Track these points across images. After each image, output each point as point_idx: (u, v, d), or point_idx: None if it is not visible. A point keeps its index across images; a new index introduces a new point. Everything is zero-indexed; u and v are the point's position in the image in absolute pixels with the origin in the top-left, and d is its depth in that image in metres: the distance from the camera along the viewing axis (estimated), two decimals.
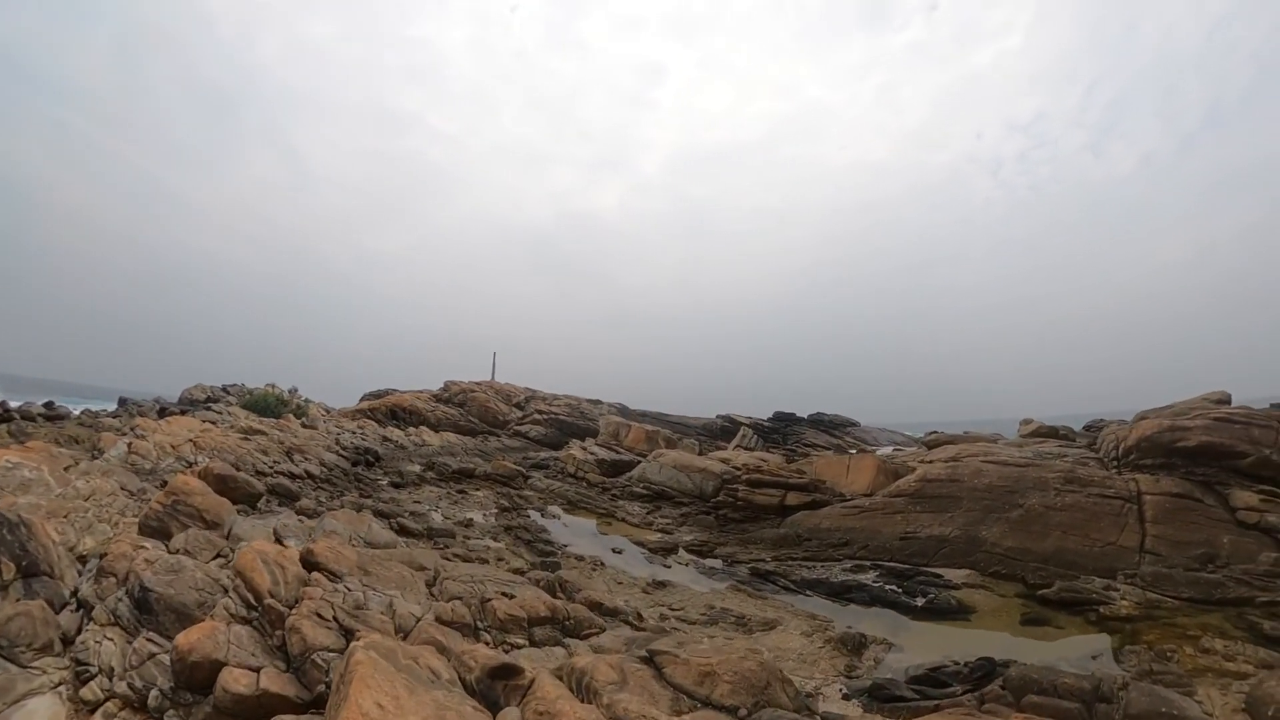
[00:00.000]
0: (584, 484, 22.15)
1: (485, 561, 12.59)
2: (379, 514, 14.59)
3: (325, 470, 19.31)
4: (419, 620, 7.16)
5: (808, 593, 12.74)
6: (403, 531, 13.26)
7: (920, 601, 11.76)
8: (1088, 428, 24.82)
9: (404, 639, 6.81)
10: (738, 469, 20.29)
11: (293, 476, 17.72)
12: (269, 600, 6.64)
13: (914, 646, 10.30)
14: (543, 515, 18.51)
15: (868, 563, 13.86)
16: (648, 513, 19.20)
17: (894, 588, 12.32)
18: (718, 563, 14.87)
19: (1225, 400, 12.27)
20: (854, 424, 37.55)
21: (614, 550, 15.37)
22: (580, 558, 14.19)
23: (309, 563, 8.16)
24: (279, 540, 9.98)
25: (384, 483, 20.65)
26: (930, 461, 17.39)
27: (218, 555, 8.94)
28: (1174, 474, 11.65)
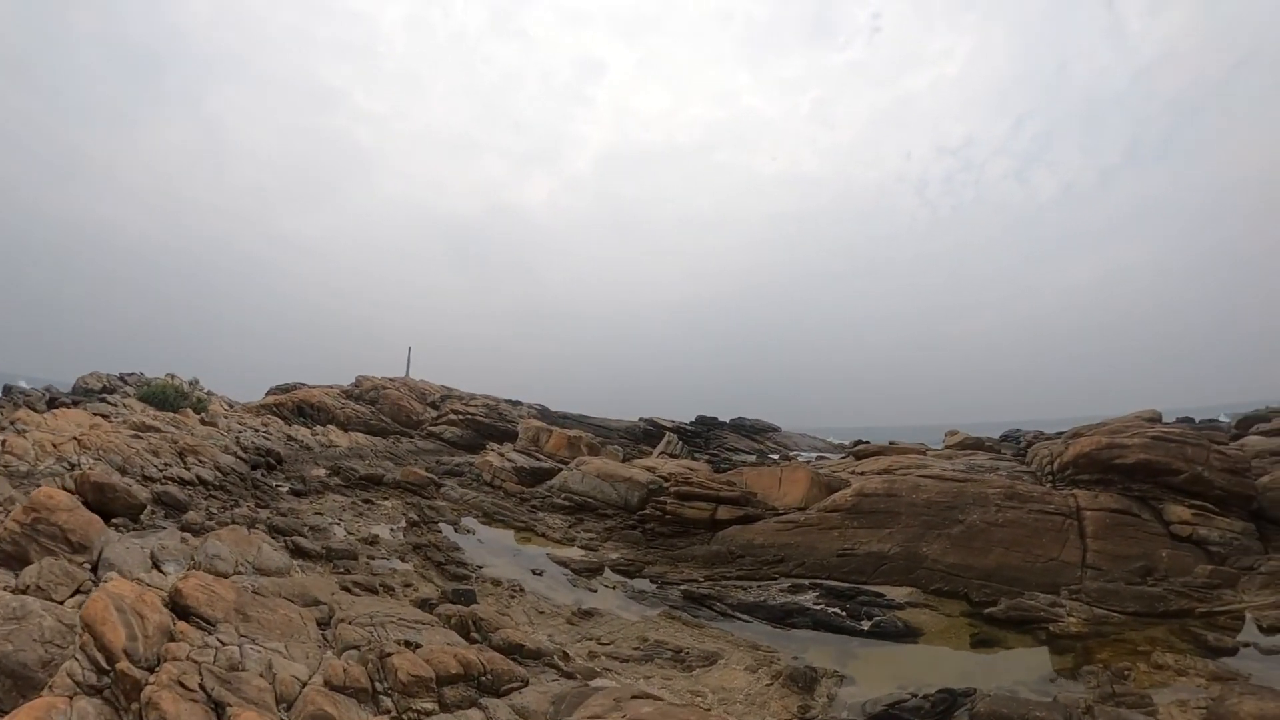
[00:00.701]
0: (501, 494, 20.72)
1: (390, 590, 11.03)
2: (274, 529, 12.73)
3: (220, 475, 17.05)
4: (305, 685, 5.77)
5: (746, 618, 11.90)
6: (298, 552, 11.49)
7: (866, 625, 11.17)
8: (1004, 437, 25.74)
9: (287, 711, 5.42)
10: (664, 479, 19.42)
11: (183, 483, 15.46)
12: (123, 664, 5.22)
13: (866, 677, 9.63)
14: (456, 529, 16.95)
15: (806, 581, 13.22)
16: (570, 526, 17.98)
17: (837, 610, 11.69)
18: (648, 584, 13.83)
19: (1156, 418, 12.49)
20: (775, 429, 37.72)
21: (534, 571, 14.05)
22: (497, 582, 12.79)
23: (177, 606, 6.59)
24: (157, 566, 8.57)
25: (284, 489, 18.65)
26: (861, 472, 17.11)
27: (77, 591, 7.19)
28: (1111, 490, 11.67)
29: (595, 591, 13.25)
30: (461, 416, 34.03)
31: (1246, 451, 11.44)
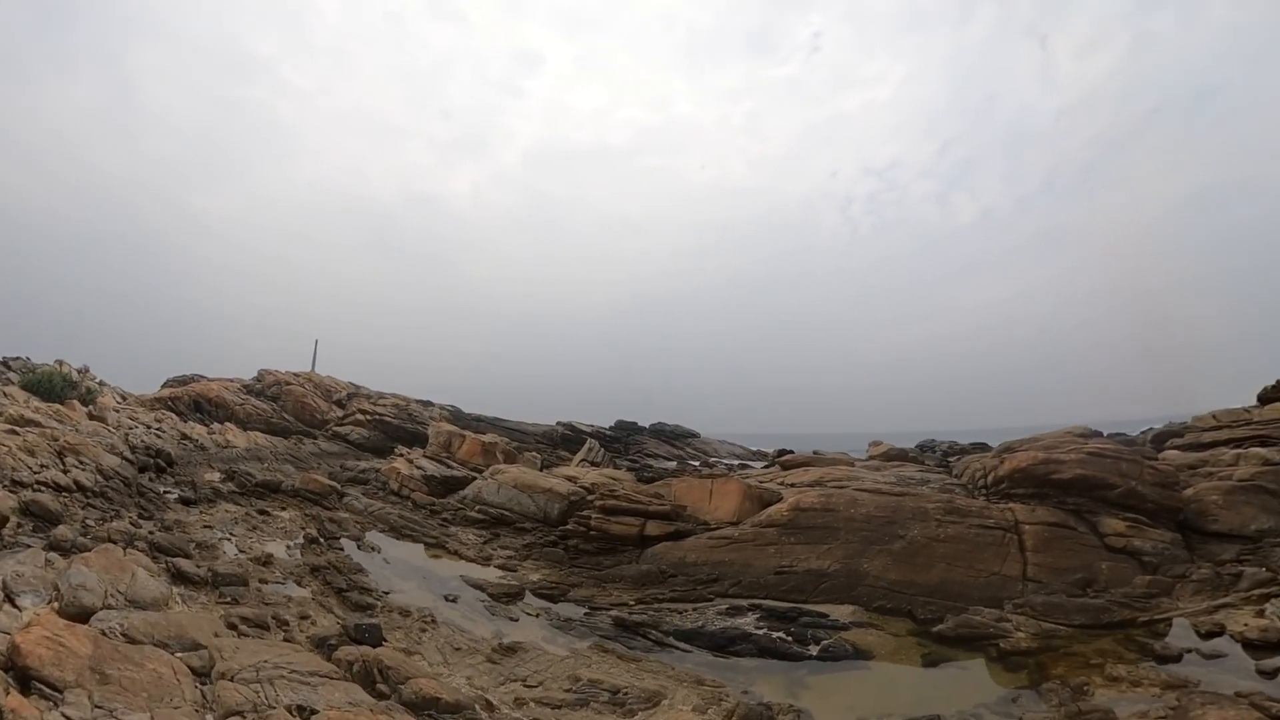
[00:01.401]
0: (410, 505, 18.98)
1: (284, 624, 9.42)
2: (155, 548, 10.78)
3: (102, 480, 14.57)
4: None
5: (685, 646, 11.10)
6: (180, 578, 9.67)
7: (814, 649, 10.65)
8: (920, 447, 26.61)
9: None
10: (587, 490, 18.40)
11: (59, 489, 13.02)
12: None
13: (822, 709, 9.05)
14: (360, 546, 15.26)
15: (744, 602, 12.58)
16: (485, 542, 16.60)
17: (781, 634, 11.11)
18: (574, 610, 12.75)
19: (1088, 434, 12.81)
20: (694, 435, 37.55)
21: (447, 597, 12.66)
22: (406, 611, 11.34)
23: (14, 668, 5.24)
24: (10, 598, 7.10)
25: (173, 497, 16.47)
26: (792, 484, 16.80)
27: None
28: (1046, 503, 11.83)
29: (517, 620, 12.03)
30: (369, 417, 32.07)
31: (1169, 465, 11.92)
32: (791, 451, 22.29)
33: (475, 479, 19.78)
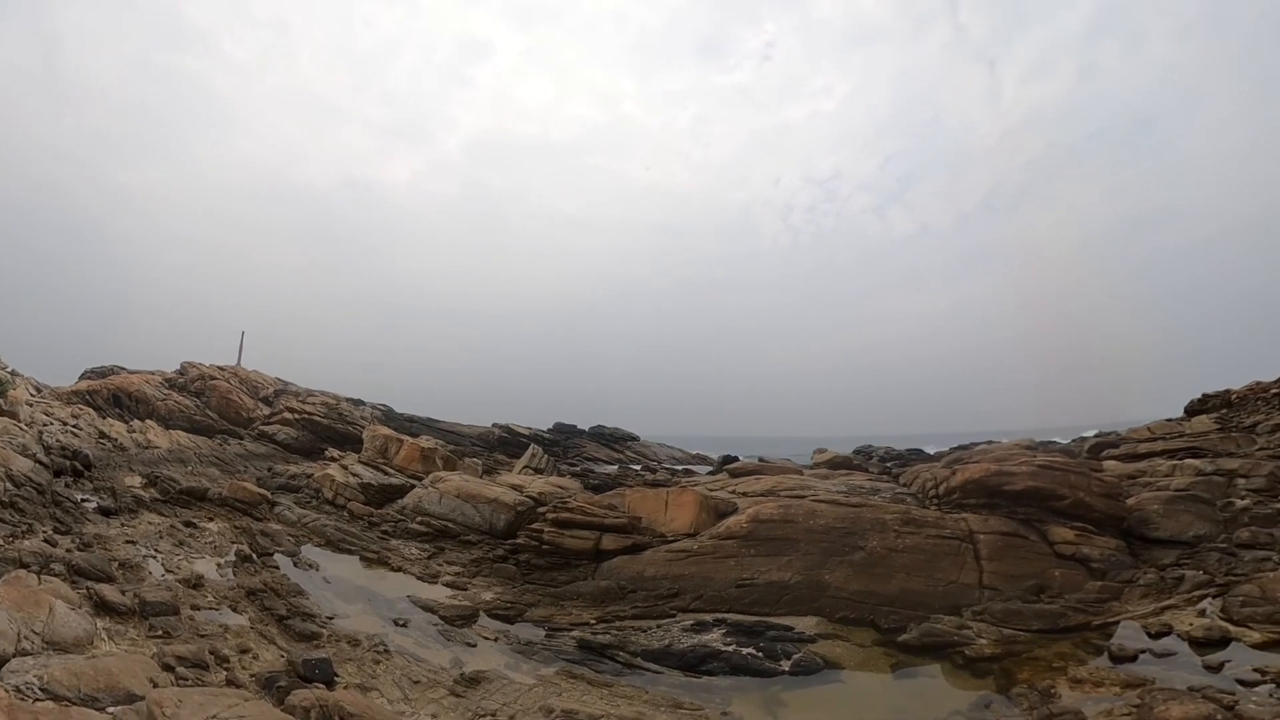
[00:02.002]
0: (345, 515, 17.90)
1: (224, 661, 8.60)
2: (75, 571, 9.62)
3: (11, 489, 13.07)
4: None
5: (655, 667, 10.89)
6: (104, 608, 8.63)
7: (785, 665, 10.66)
8: (857, 452, 27.46)
9: None
10: (534, 500, 17.92)
11: None
12: None
13: None
14: (296, 563, 14.28)
15: (708, 617, 12.48)
16: (430, 556, 15.86)
17: (751, 650, 11.06)
18: (534, 632, 12.28)
19: (1034, 446, 13.44)
20: (634, 438, 37.41)
21: (397, 622, 11.95)
22: (355, 640, 10.60)
23: None
24: None
25: (91, 506, 15.09)
26: (744, 493, 16.87)
27: None
28: (998, 513, 12.31)
29: (475, 646, 11.46)
30: (298, 416, 30.32)
31: (1113, 477, 12.70)
32: (737, 458, 22.49)
33: (414, 487, 18.91)
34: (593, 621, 12.63)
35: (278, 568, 13.66)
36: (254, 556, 13.72)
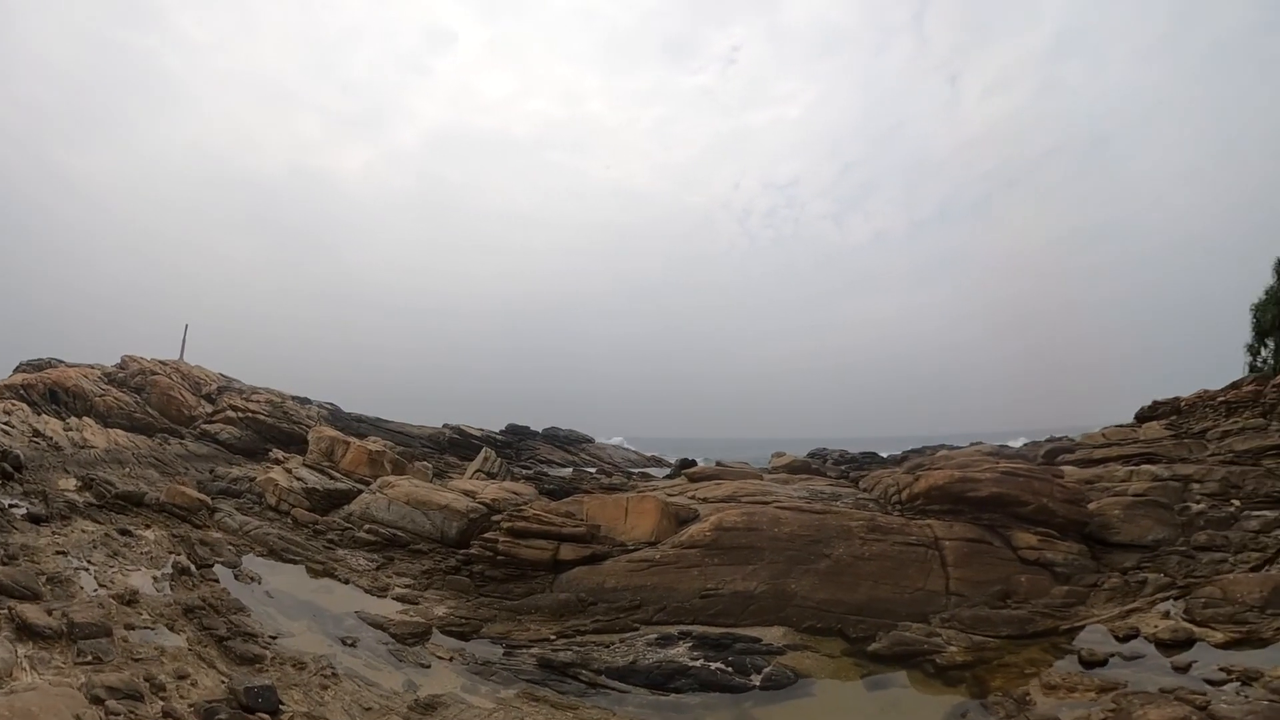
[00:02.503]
0: (290, 522, 16.90)
1: (160, 690, 7.82)
2: None
3: None
4: None
5: (622, 686, 10.47)
6: (27, 632, 7.64)
7: (756, 679, 10.38)
8: (812, 454, 27.69)
9: None
10: (488, 506, 17.24)
11: None
12: None
13: None
14: (237, 575, 13.37)
15: (673, 629, 12.11)
16: (378, 567, 15.06)
17: (720, 665, 10.74)
18: (490, 649, 11.67)
19: (996, 453, 13.61)
20: (589, 440, 37.00)
21: (345, 641, 11.17)
22: (300, 663, 9.81)
23: None
24: None
25: (20, 512, 13.94)
26: (704, 499, 16.61)
27: None
28: (961, 519, 12.39)
29: (428, 667, 10.79)
30: (241, 414, 29.07)
31: (1074, 483, 12.95)
32: (694, 462, 22.24)
33: (362, 492, 18.03)
34: (553, 637, 12.09)
35: (217, 581, 12.72)
36: (192, 568, 12.74)
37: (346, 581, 14.22)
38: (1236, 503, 11.79)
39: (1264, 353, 22.59)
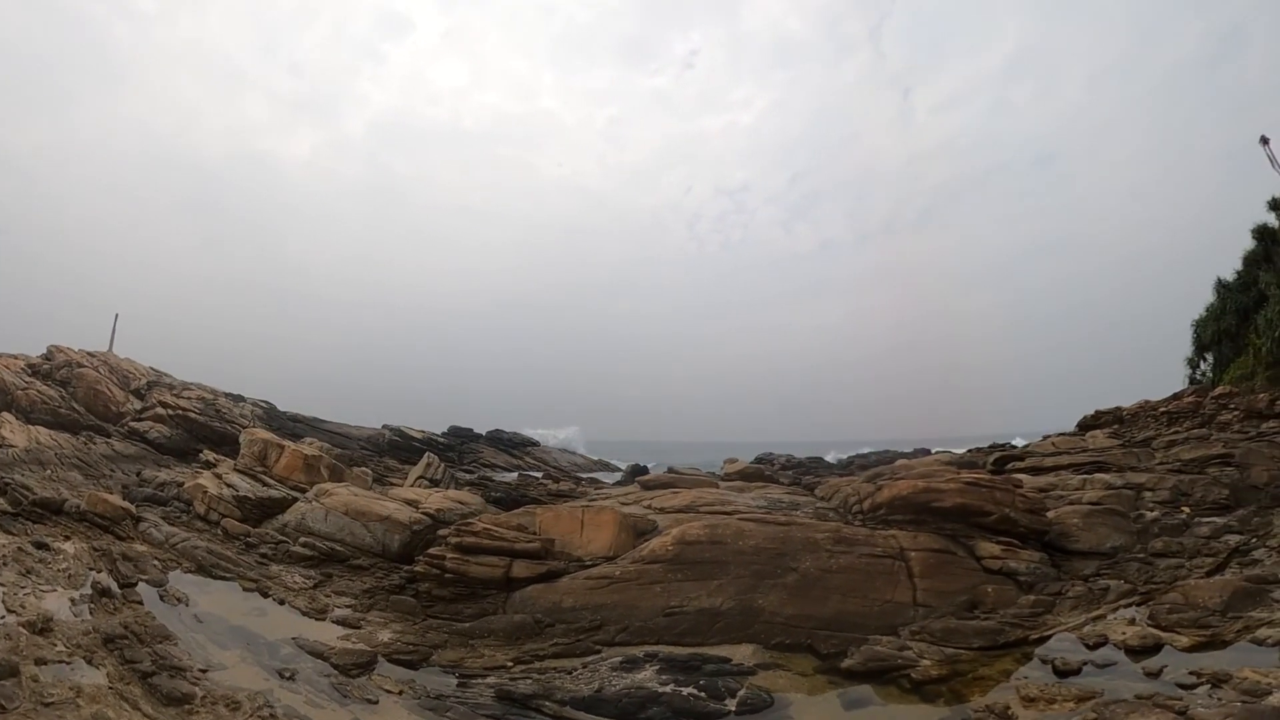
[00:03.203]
0: (220, 534, 15.63)
1: None
2: None
3: None
4: None
5: (588, 717, 9.81)
6: None
7: (730, 704, 9.95)
8: (758, 459, 27.68)
9: None
10: (432, 517, 16.31)
11: None
12: None
13: None
14: (163, 595, 12.27)
15: (638, 651, 11.57)
16: (316, 585, 13.99)
17: (691, 690, 10.26)
18: (443, 680, 10.85)
19: (956, 462, 13.70)
20: (534, 444, 36.06)
21: (283, 673, 10.17)
22: (234, 702, 8.81)
23: None
24: None
25: None
26: (661, 509, 16.19)
27: None
28: (925, 529, 12.39)
29: (376, 702, 9.89)
30: (172, 411, 27.35)
31: (1034, 493, 13.18)
32: (646, 468, 21.75)
33: (297, 500, 16.76)
34: (510, 664, 11.34)
35: (141, 603, 11.48)
36: (114, 588, 11.51)
37: (282, 602, 13.13)
38: (1187, 510, 12.31)
39: (1203, 366, 24.09)
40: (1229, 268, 24.39)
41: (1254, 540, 10.73)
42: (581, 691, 10.29)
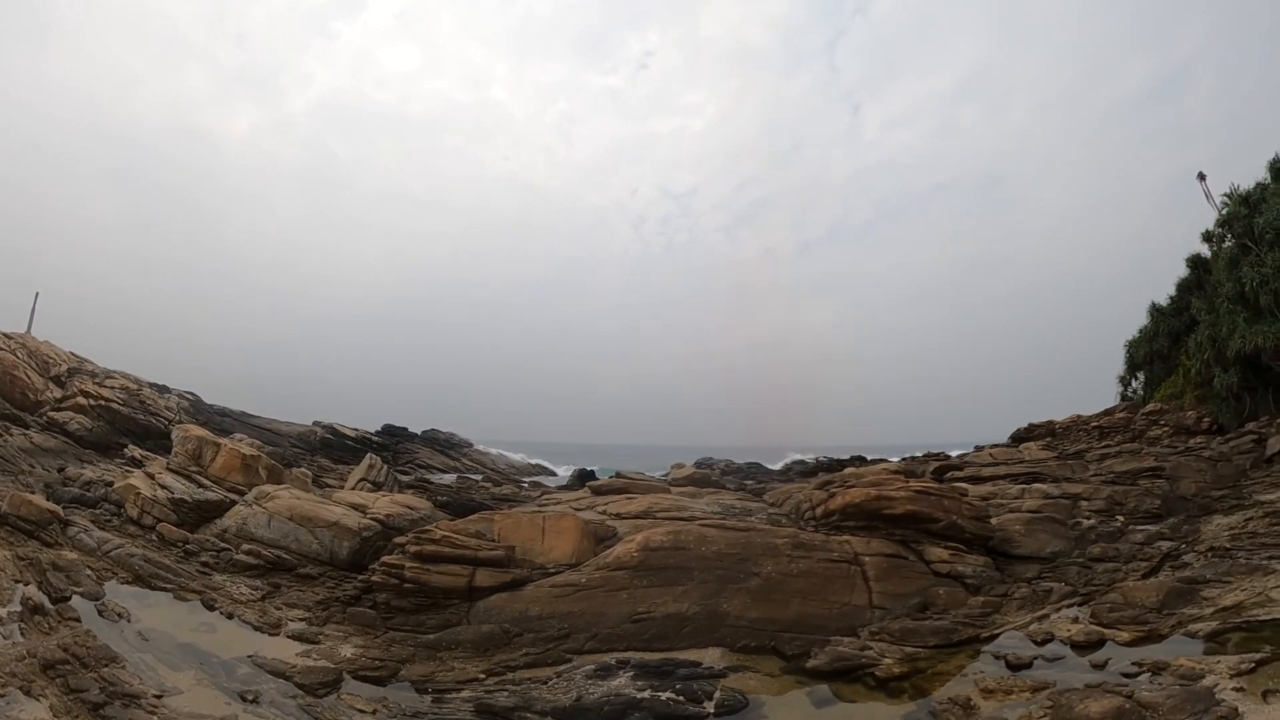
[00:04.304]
0: (156, 540, 14.45)
1: None
2: None
3: None
4: None
5: None
6: None
7: (709, 706, 10.14)
8: (698, 464, 28.01)
9: None
10: (380, 523, 15.73)
11: None
12: None
13: None
14: (102, 610, 11.34)
15: (609, 658, 11.62)
16: (264, 596, 13.27)
17: (670, 695, 10.38)
18: (414, 697, 10.51)
19: (903, 471, 14.41)
20: (469, 444, 35.08)
21: (245, 696, 9.64)
22: None
23: None
24: None
25: None
26: (617, 515, 16.18)
27: None
28: (876, 535, 12.98)
29: None
30: (94, 401, 24.98)
31: (979, 501, 14.03)
32: (593, 472, 21.62)
33: (236, 504, 15.73)
34: (482, 676, 11.09)
35: (79, 619, 10.44)
36: (47, 603, 10.32)
37: (230, 616, 12.32)
38: (1121, 518, 13.44)
39: (1134, 384, 25.23)
40: (1159, 292, 25.43)
41: (1184, 546, 11.85)
42: (561, 701, 10.19)
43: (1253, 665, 7.94)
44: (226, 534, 15.15)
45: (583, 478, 22.00)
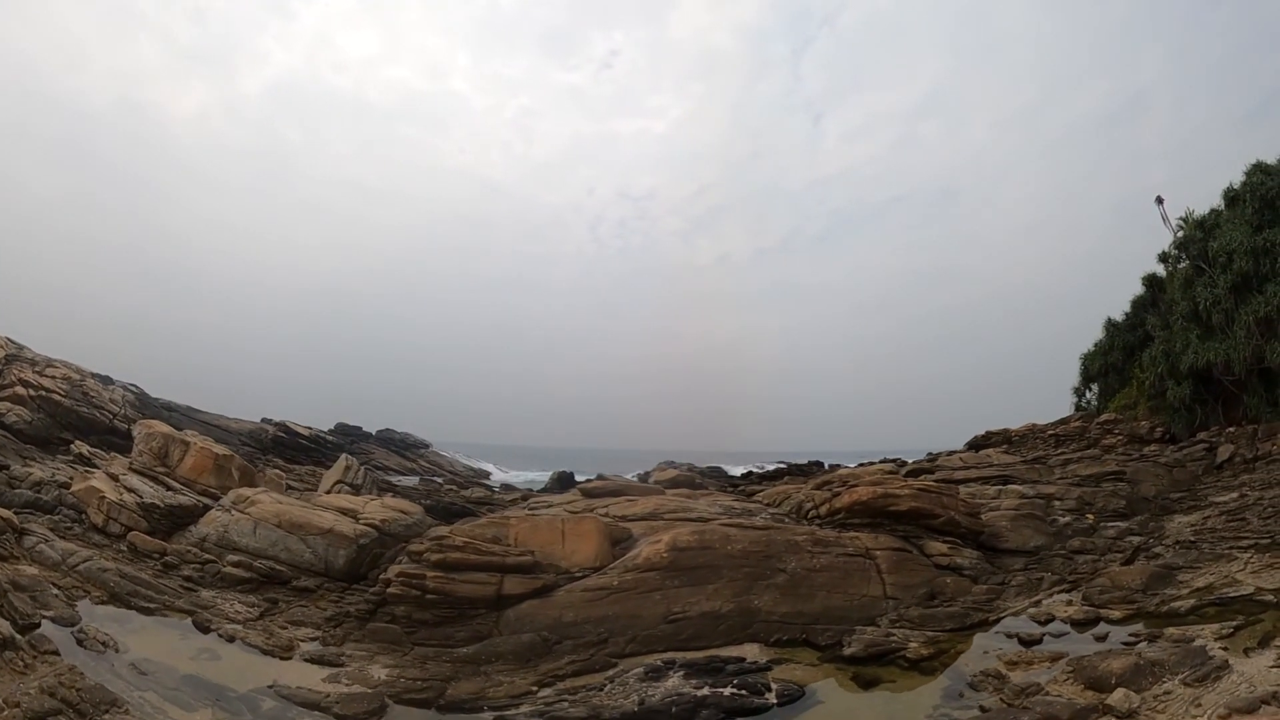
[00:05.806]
0: (127, 551, 13.00)
1: None
2: None
3: None
4: None
5: None
6: None
7: (771, 697, 10.66)
8: (661, 466, 28.34)
9: None
10: (377, 529, 15.06)
11: None
12: None
13: None
14: (81, 639, 9.83)
15: (655, 660, 11.91)
16: (263, 614, 12.38)
17: (733, 690, 10.79)
18: (469, 718, 10.04)
19: (896, 471, 15.53)
20: (426, 445, 33.46)
21: None
22: None
23: None
24: None
25: None
26: (619, 517, 16.29)
27: None
28: (882, 531, 13.99)
29: None
30: (34, 392, 22.69)
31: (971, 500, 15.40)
32: (573, 475, 21.38)
33: (211, 509, 14.38)
34: (535, 689, 10.90)
35: (57, 653, 8.87)
36: (13, 634, 8.62)
37: (232, 639, 11.25)
38: (1091, 516, 15.25)
39: (1089, 395, 26.19)
40: (1112, 308, 26.40)
41: (1152, 540, 13.70)
42: (626, 706, 10.26)
43: (1231, 630, 9.52)
44: (206, 543, 13.90)
45: (563, 481, 21.84)
